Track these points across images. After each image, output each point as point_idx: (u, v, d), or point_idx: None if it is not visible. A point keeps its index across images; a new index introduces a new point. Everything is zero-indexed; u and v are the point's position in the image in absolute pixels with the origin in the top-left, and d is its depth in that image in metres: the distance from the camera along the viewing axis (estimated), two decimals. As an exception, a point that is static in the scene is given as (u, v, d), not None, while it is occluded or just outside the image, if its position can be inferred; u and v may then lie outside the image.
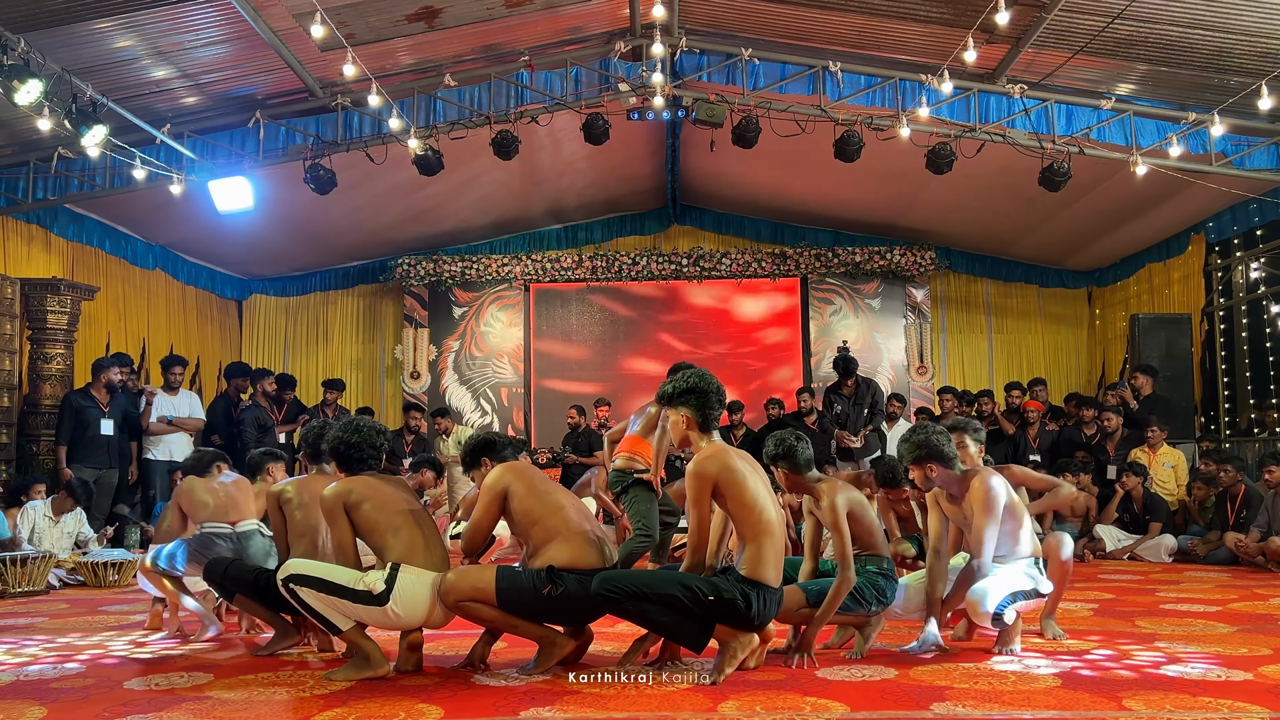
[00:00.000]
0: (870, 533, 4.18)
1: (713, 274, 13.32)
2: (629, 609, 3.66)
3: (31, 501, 7.66)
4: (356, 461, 4.12)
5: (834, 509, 4.00)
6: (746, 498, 3.71)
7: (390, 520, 3.91)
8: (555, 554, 3.85)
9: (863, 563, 4.12)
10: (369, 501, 3.91)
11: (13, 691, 3.72)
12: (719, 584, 3.69)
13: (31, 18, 6.83)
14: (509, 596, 3.78)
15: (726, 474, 3.71)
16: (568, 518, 3.97)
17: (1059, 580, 4.46)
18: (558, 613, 3.87)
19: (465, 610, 3.83)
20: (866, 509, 4.19)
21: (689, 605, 3.63)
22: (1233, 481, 8.32)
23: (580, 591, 3.77)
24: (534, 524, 3.95)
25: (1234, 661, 3.96)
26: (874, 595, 4.11)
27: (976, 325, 13.94)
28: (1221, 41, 7.69)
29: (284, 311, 13.95)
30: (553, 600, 3.77)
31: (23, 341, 9.06)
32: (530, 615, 3.86)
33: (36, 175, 8.96)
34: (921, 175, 9.45)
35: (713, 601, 3.64)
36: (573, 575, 3.81)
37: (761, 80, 8.89)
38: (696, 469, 3.73)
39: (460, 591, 3.78)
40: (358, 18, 7.70)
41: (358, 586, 3.80)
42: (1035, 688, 3.55)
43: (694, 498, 3.73)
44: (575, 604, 3.80)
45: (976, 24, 7.56)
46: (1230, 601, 5.79)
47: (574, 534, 3.93)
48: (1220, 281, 10.68)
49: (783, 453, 4.16)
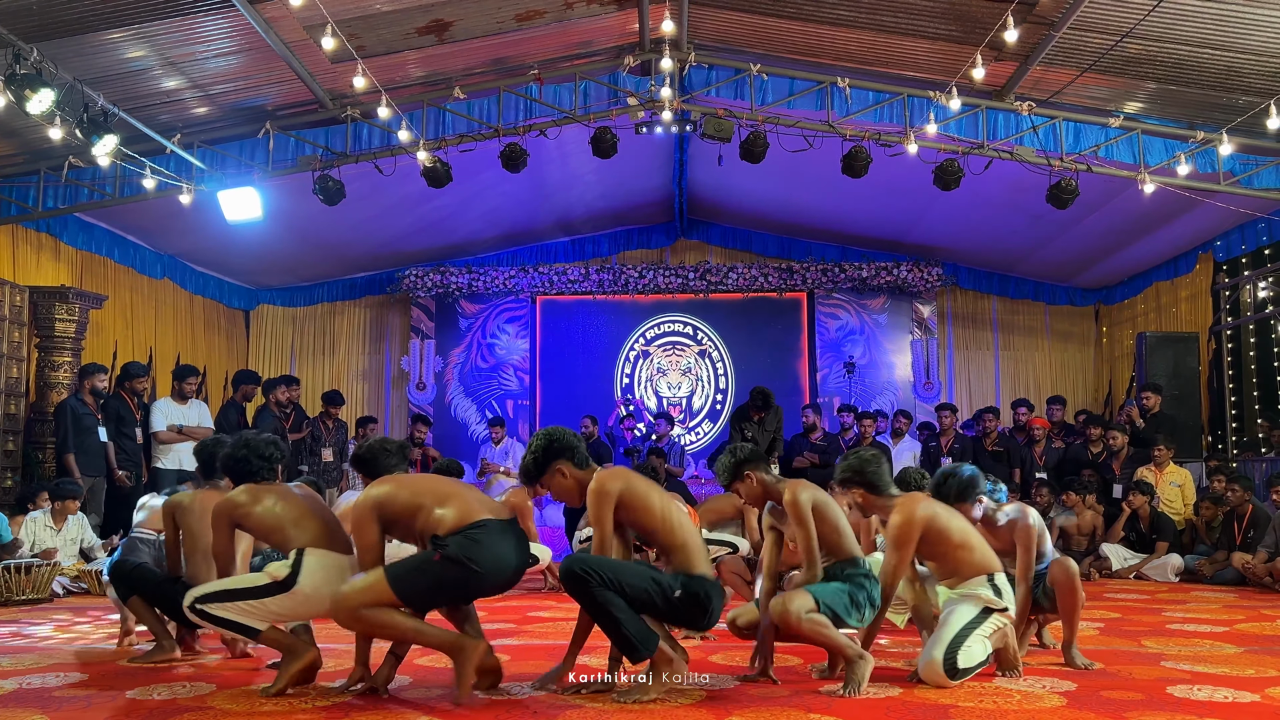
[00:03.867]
0: (837, 533, 3.97)
1: (719, 288, 13.32)
2: (596, 596, 3.51)
3: (33, 513, 7.65)
4: (248, 474, 4.15)
5: (795, 503, 3.89)
6: (653, 506, 3.72)
7: (289, 513, 3.97)
8: (438, 521, 3.65)
9: (839, 568, 3.95)
10: (260, 504, 3.99)
11: (15, 700, 3.72)
12: (683, 580, 3.66)
13: (44, 28, 6.87)
14: (404, 584, 3.57)
15: (629, 491, 3.71)
16: (446, 490, 3.78)
17: (1072, 608, 4.32)
18: (458, 583, 3.63)
19: (365, 621, 3.62)
20: (831, 509, 3.99)
21: (656, 601, 3.59)
22: (1240, 501, 8.28)
23: (469, 548, 3.56)
24: (415, 513, 3.72)
25: (1241, 683, 3.93)
26: (865, 599, 3.91)
27: (983, 342, 13.91)
28: (1230, 61, 7.69)
29: (291, 322, 13.98)
30: (446, 566, 3.56)
31: (31, 350, 9.08)
32: (432, 597, 3.68)
33: (47, 184, 9.00)
34: (929, 191, 9.45)
35: (679, 597, 3.62)
36: (457, 535, 3.61)
37: (770, 95, 8.91)
38: (598, 486, 3.69)
39: (354, 600, 3.58)
40: (368, 30, 7.74)
41: (261, 582, 3.84)
42: (1041, 707, 3.53)
43: (596, 515, 3.69)
44: (480, 560, 3.58)
45: (985, 41, 7.57)
46: (1237, 622, 5.76)
47: (453, 496, 3.74)
48: (1228, 300, 10.66)
49: (746, 456, 4.09)
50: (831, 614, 3.79)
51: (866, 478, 4.12)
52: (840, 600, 3.83)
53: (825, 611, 3.77)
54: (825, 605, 3.78)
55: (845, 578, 3.91)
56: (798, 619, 3.71)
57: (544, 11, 8.09)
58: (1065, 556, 4.44)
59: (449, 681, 3.76)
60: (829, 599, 3.81)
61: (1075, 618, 4.34)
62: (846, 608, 3.84)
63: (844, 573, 3.93)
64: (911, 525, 3.94)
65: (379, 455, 4.12)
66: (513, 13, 7.99)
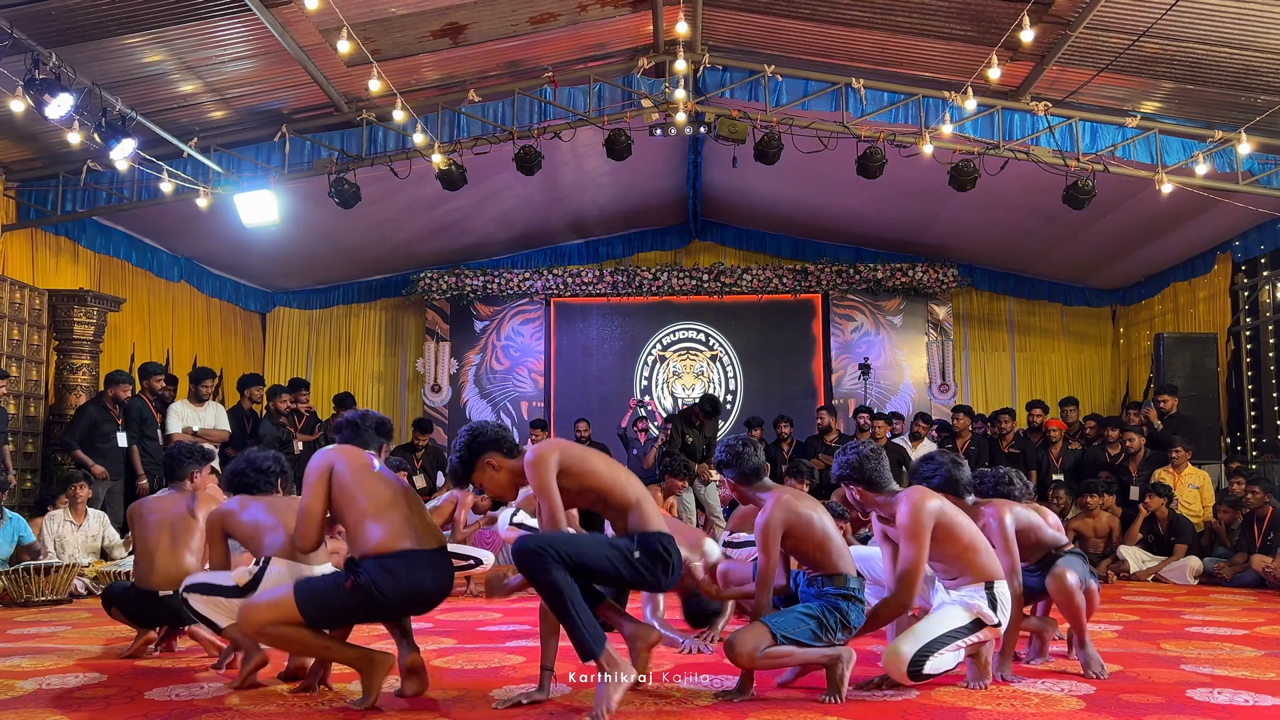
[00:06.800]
0: (821, 550, 3.76)
1: (733, 289, 13.31)
2: (555, 579, 3.32)
3: (52, 512, 7.71)
4: (246, 487, 4.33)
5: (765, 528, 3.70)
6: (599, 469, 3.60)
7: (267, 523, 4.12)
8: (365, 539, 3.55)
9: (820, 584, 3.76)
10: (244, 513, 4.17)
11: (35, 700, 3.74)
12: (637, 537, 3.53)
13: (63, 33, 6.93)
14: (311, 606, 3.52)
15: (567, 455, 3.55)
16: (386, 503, 3.65)
17: (1073, 613, 4.14)
18: (364, 609, 3.54)
19: (269, 637, 3.58)
20: (810, 526, 3.75)
21: (620, 568, 3.45)
22: (1260, 503, 8.21)
23: (380, 578, 3.46)
24: (347, 510, 3.64)
25: (1262, 686, 3.90)
26: (837, 622, 3.67)
27: (999, 343, 13.86)
28: (1248, 60, 7.64)
29: (307, 324, 14.05)
30: (356, 593, 3.46)
31: (49, 352, 9.15)
32: (337, 619, 3.61)
33: (66, 188, 9.07)
34: (944, 192, 9.42)
35: (639, 557, 3.48)
36: (373, 561, 3.50)
37: (784, 97, 8.90)
38: (535, 456, 3.51)
39: (259, 616, 3.53)
40: (384, 34, 7.77)
41: (229, 583, 4.05)
42: (1059, 710, 3.51)
43: (541, 484, 3.47)
44: (388, 590, 3.48)
45: (1000, 42, 7.54)
46: (1258, 625, 5.71)
47: (385, 515, 3.59)
48: (1247, 301, 10.58)
49: (728, 459, 3.92)
50: (794, 644, 3.59)
51: (865, 474, 3.90)
52: (802, 627, 3.62)
53: (784, 643, 3.57)
54: (783, 637, 3.57)
55: (824, 596, 3.72)
56: (750, 660, 3.55)
57: (558, 14, 8.10)
58: (1062, 569, 4.17)
59: (458, 683, 3.77)
60: (789, 629, 3.60)
61: (1081, 626, 4.15)
62: (812, 633, 3.62)
63: (824, 589, 3.74)
64: (922, 514, 3.76)
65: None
66: (527, 15, 8.01)
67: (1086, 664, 4.14)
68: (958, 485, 4.23)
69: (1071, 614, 4.16)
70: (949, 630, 3.75)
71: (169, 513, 4.72)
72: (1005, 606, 3.86)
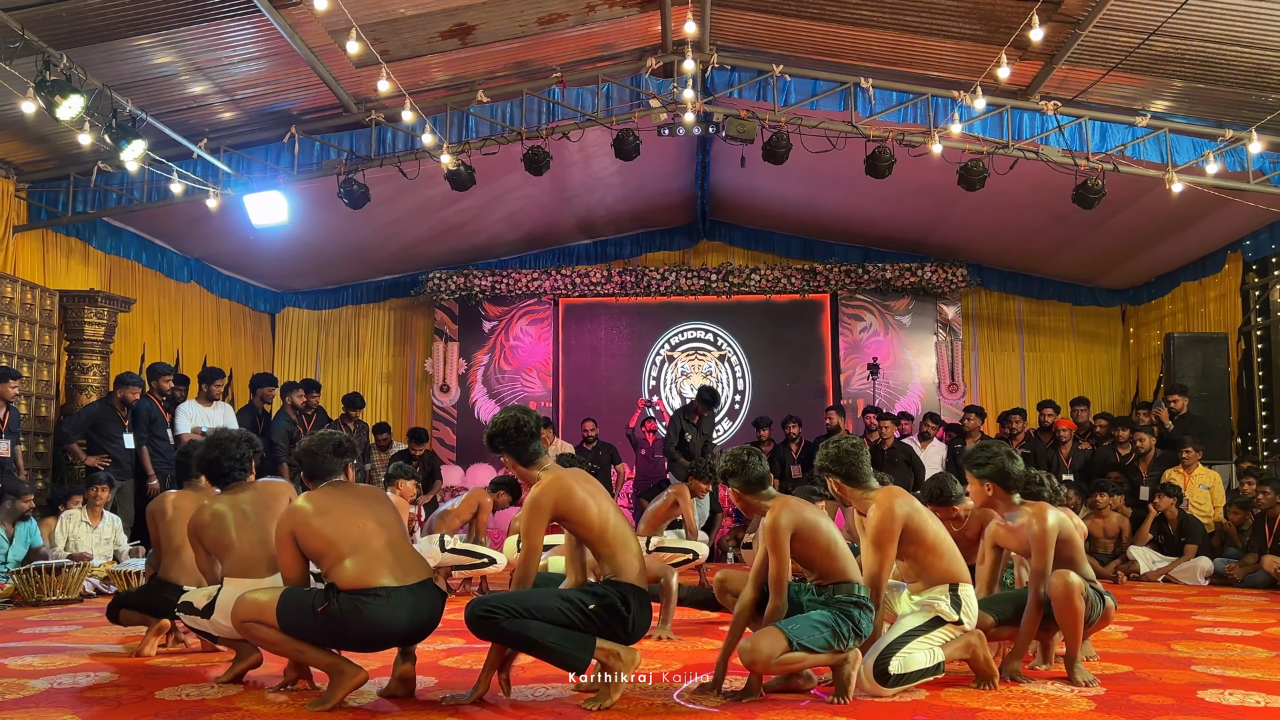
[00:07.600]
0: (829, 556, 3.72)
1: (742, 289, 13.30)
2: (507, 629, 3.43)
3: (67, 511, 7.74)
4: (223, 474, 4.26)
5: (774, 528, 3.66)
6: (590, 520, 3.62)
7: (223, 540, 4.08)
8: (340, 573, 3.58)
9: (831, 592, 3.71)
10: (211, 529, 4.12)
11: (46, 700, 3.76)
12: (596, 590, 3.58)
13: (74, 34, 6.96)
14: (288, 617, 3.60)
15: (565, 501, 3.60)
16: (363, 535, 3.66)
17: (1072, 617, 3.94)
18: (340, 636, 3.59)
19: (250, 632, 3.71)
20: (817, 530, 3.72)
21: (573, 619, 3.49)
22: (1271, 504, 8.17)
23: (351, 614, 3.51)
24: (324, 553, 3.65)
25: (1273, 687, 3.88)
26: (850, 630, 3.63)
27: (1008, 343, 13.81)
28: (1259, 58, 7.61)
29: (316, 324, 14.07)
30: (328, 619, 3.52)
31: (60, 353, 9.19)
32: (310, 637, 3.62)
33: (76, 189, 9.11)
34: (953, 192, 9.40)
35: (594, 609, 3.51)
36: (348, 596, 3.53)
37: (793, 96, 8.89)
38: (532, 502, 3.59)
39: (243, 612, 3.69)
40: (392, 35, 7.79)
41: (198, 603, 4.08)
42: (1069, 711, 3.50)
43: (527, 527, 3.57)
44: (355, 627, 3.53)
45: (1010, 41, 7.53)
46: (1269, 626, 5.69)
47: (363, 548, 3.63)
48: (1258, 300, 10.53)
49: (733, 469, 3.87)
50: (806, 651, 3.56)
51: (844, 467, 3.90)
52: (817, 636, 3.57)
53: (798, 650, 3.53)
54: (798, 644, 3.53)
55: (835, 604, 3.68)
56: (766, 665, 3.53)
57: (566, 14, 8.11)
58: (1067, 570, 4.03)
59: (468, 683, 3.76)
60: (804, 637, 3.55)
61: (1075, 633, 3.98)
62: (825, 642, 3.57)
63: (834, 597, 3.70)
64: (891, 521, 3.77)
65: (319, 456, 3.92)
66: (535, 16, 8.02)
67: (1072, 675, 3.97)
68: (1007, 479, 4.20)
69: (1069, 618, 3.95)
70: (905, 631, 3.79)
71: (189, 511, 4.73)
72: (970, 608, 3.88)
